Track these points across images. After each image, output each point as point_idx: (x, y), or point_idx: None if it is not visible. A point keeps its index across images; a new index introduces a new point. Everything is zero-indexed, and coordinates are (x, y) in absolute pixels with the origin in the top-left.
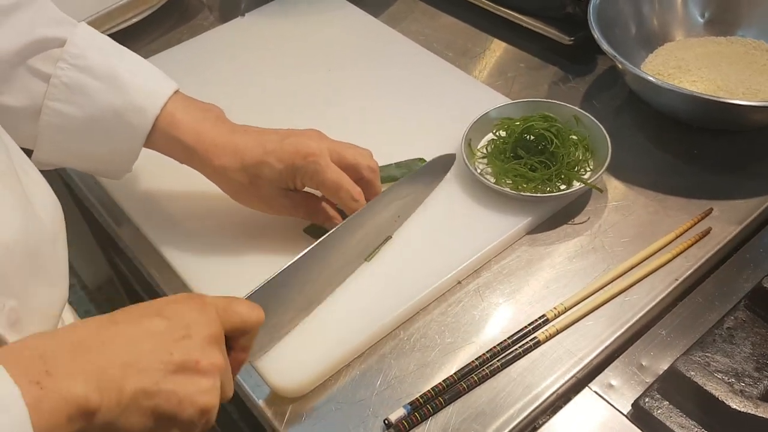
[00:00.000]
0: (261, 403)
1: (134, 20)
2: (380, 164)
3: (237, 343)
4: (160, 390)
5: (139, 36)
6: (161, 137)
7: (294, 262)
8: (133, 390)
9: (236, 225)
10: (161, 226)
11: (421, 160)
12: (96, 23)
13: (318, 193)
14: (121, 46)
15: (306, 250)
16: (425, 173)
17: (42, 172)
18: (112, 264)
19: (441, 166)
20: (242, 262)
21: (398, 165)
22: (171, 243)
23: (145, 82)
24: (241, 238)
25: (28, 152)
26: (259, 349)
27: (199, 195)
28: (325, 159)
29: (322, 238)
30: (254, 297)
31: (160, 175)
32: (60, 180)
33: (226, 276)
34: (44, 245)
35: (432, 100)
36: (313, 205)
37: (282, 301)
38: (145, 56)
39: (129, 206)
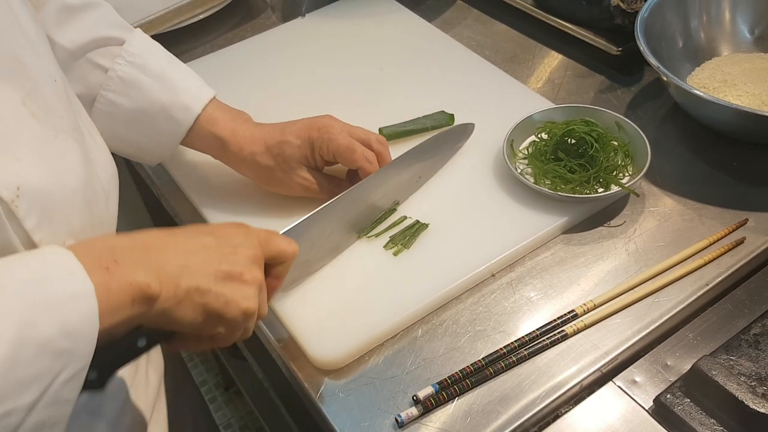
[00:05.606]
0: (299, 373)
1: (201, 17)
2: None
3: (273, 270)
4: (210, 290)
5: (204, 32)
6: (199, 133)
7: (325, 206)
8: (187, 286)
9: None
10: (209, 198)
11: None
12: (164, 18)
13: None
14: (170, 53)
15: (335, 198)
16: (446, 139)
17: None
18: None
19: (461, 133)
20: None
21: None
22: (212, 207)
23: (191, 85)
24: (279, 213)
25: None
26: (291, 282)
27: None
28: (336, 129)
29: (351, 188)
30: (289, 233)
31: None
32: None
33: None
34: (99, 200)
35: (478, 101)
36: (336, 188)
37: (313, 240)
38: (210, 51)
39: (187, 186)
